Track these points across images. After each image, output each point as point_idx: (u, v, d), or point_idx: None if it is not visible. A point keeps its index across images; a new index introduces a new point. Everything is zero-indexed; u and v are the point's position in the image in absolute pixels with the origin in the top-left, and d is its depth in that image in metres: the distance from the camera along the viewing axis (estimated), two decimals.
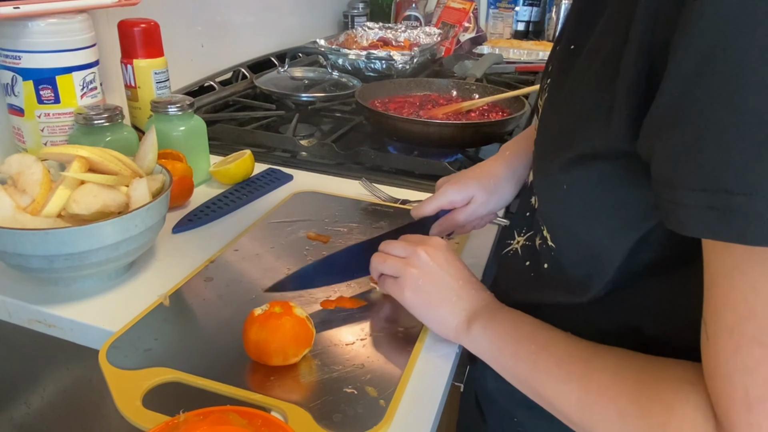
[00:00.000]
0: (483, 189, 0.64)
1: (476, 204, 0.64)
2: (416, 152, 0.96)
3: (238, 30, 1.33)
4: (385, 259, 0.55)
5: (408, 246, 0.54)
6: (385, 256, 0.55)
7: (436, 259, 0.53)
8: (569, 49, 0.45)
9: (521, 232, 0.56)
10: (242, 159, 0.83)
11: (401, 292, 0.53)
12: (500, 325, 0.48)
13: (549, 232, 0.48)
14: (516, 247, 0.56)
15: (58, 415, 0.69)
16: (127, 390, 0.46)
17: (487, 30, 2.14)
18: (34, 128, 0.76)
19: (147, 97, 0.87)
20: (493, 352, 0.48)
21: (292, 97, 1.16)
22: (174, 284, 0.60)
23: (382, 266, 0.55)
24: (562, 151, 0.41)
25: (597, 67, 0.39)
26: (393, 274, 0.54)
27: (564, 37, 0.48)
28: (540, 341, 0.45)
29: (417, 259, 0.53)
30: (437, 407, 0.48)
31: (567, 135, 0.41)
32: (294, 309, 0.50)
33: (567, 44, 0.46)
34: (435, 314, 0.52)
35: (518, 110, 0.99)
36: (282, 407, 0.45)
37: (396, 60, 1.36)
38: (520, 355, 0.45)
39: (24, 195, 0.57)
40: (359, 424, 0.44)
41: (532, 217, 0.53)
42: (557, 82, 0.47)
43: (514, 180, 0.65)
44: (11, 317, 0.59)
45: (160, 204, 0.59)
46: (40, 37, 0.71)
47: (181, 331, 0.54)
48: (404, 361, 0.51)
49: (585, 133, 0.39)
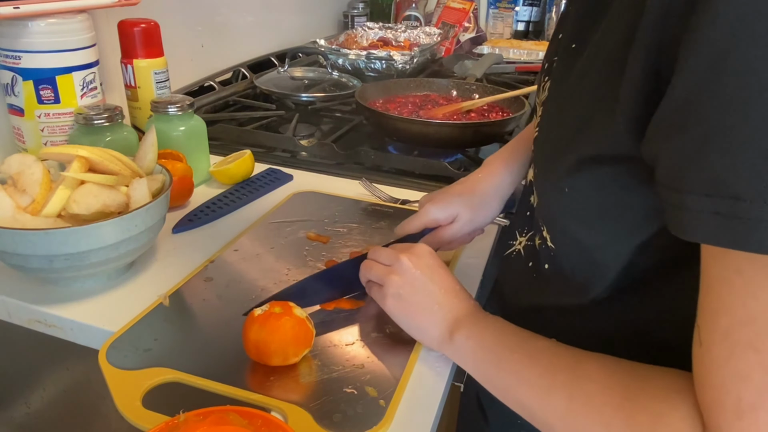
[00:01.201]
0: (467, 206, 0.62)
1: (461, 222, 0.62)
2: (416, 152, 0.96)
3: (238, 30, 1.33)
4: (371, 266, 0.55)
5: (392, 253, 0.54)
6: (372, 263, 0.55)
7: (419, 266, 0.52)
8: (570, 48, 0.44)
9: (522, 232, 0.55)
10: (242, 159, 0.83)
11: (383, 300, 0.53)
12: (483, 335, 0.47)
13: (549, 233, 0.48)
14: (518, 248, 0.56)
15: (58, 415, 0.69)
16: (127, 390, 0.46)
17: (487, 30, 2.14)
18: (34, 128, 0.76)
19: (147, 97, 0.87)
20: (476, 362, 0.47)
21: (292, 97, 1.16)
22: (174, 284, 0.60)
23: (369, 273, 0.55)
24: (564, 153, 0.41)
25: (600, 66, 0.38)
26: (376, 281, 0.54)
27: (564, 35, 0.47)
28: (524, 351, 0.44)
29: (399, 266, 0.52)
30: (437, 407, 0.48)
31: (569, 137, 0.41)
32: (294, 309, 0.50)
33: (568, 42, 0.45)
34: (416, 323, 0.51)
35: (518, 110, 0.99)
36: (282, 407, 0.45)
37: (396, 60, 1.36)
38: (504, 365, 0.44)
39: (24, 195, 0.57)
40: (359, 424, 0.44)
41: (533, 216, 0.53)
42: (558, 82, 0.46)
43: (499, 195, 0.64)
44: (11, 317, 0.59)
45: (160, 204, 0.59)
46: (40, 37, 0.71)
47: (181, 331, 0.54)
48: (404, 362, 0.51)
49: (587, 134, 0.39)
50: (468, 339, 0.48)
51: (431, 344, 0.51)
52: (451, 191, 0.64)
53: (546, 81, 0.50)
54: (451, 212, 0.62)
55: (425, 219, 0.62)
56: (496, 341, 0.46)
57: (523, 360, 0.43)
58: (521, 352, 0.44)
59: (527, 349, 0.44)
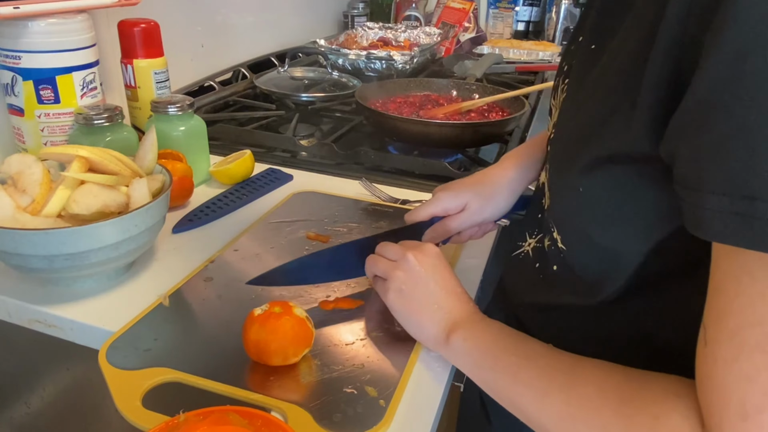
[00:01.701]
0: (478, 196, 0.63)
1: (470, 211, 0.63)
2: (416, 152, 0.96)
3: (238, 30, 1.33)
4: (377, 261, 0.55)
5: (399, 249, 0.54)
6: (378, 258, 0.55)
7: (424, 264, 0.52)
8: (590, 48, 0.44)
9: (532, 234, 0.55)
10: (242, 159, 0.83)
11: (385, 294, 0.53)
12: (481, 337, 0.47)
13: (560, 234, 0.47)
14: (527, 249, 0.56)
15: (58, 415, 0.69)
16: (126, 390, 0.46)
17: (487, 30, 2.14)
18: (34, 128, 0.76)
19: (147, 97, 0.87)
20: (472, 364, 0.47)
21: (292, 97, 1.16)
22: (174, 284, 0.60)
23: (374, 267, 0.55)
24: (580, 152, 0.41)
25: (620, 65, 0.38)
26: (381, 275, 0.54)
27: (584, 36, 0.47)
28: (521, 353, 0.44)
29: (405, 263, 0.53)
30: (437, 407, 0.48)
31: (586, 135, 0.41)
32: (294, 309, 0.50)
33: (587, 43, 0.45)
34: (415, 320, 0.52)
35: (518, 110, 0.99)
36: (282, 407, 0.45)
37: (396, 60, 1.36)
38: (500, 368, 0.44)
39: (24, 195, 0.57)
40: (359, 424, 0.44)
41: (543, 218, 0.53)
42: (577, 81, 0.46)
43: (511, 189, 0.64)
44: (11, 317, 0.59)
45: (160, 204, 0.59)
46: (40, 37, 0.71)
47: (181, 331, 0.54)
48: (404, 361, 0.51)
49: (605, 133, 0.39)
50: (465, 341, 0.48)
51: (427, 343, 0.52)
52: (464, 181, 0.65)
53: (564, 82, 0.50)
54: (461, 200, 0.63)
55: (436, 206, 0.63)
56: (493, 343, 0.46)
57: (519, 362, 0.43)
58: (518, 354, 0.44)
59: (524, 351, 0.44)
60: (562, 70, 0.53)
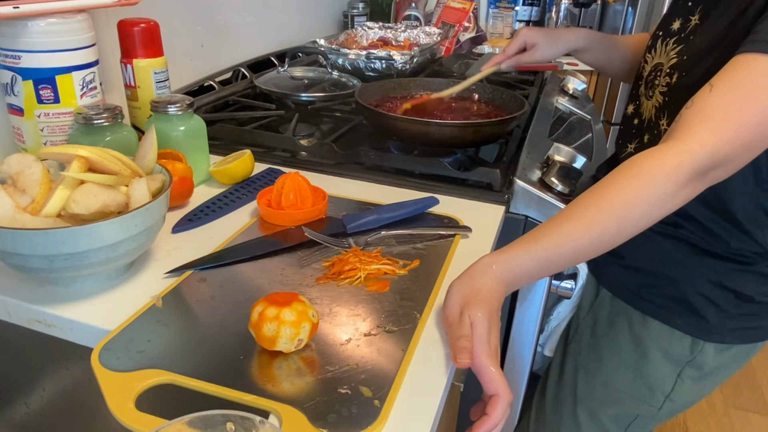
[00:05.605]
0: (546, 40, 0.94)
1: (536, 49, 0.95)
2: (416, 152, 0.96)
3: (238, 30, 1.33)
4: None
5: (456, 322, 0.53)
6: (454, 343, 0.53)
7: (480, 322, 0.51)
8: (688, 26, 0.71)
9: (632, 141, 0.78)
10: (242, 159, 0.83)
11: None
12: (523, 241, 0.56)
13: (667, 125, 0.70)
14: (630, 150, 0.78)
15: (58, 415, 0.69)
16: (119, 392, 0.46)
17: (487, 30, 2.14)
18: (34, 128, 0.76)
19: (147, 97, 0.87)
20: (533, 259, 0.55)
21: (292, 97, 1.16)
22: (174, 284, 0.60)
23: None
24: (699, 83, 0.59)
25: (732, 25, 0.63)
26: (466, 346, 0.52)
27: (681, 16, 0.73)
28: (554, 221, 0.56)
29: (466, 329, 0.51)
30: (437, 407, 0.48)
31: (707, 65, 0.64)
32: (298, 297, 0.51)
33: (685, 22, 0.72)
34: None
35: (518, 110, 0.99)
36: (276, 408, 0.45)
37: (396, 60, 1.36)
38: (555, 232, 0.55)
39: (24, 195, 0.57)
40: (354, 424, 0.44)
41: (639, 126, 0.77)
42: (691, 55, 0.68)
43: (569, 42, 0.94)
44: (11, 317, 0.59)
45: (159, 204, 0.59)
46: (39, 37, 0.71)
47: (174, 333, 0.54)
48: (398, 361, 0.51)
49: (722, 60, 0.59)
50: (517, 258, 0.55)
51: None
52: (541, 28, 0.97)
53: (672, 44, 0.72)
54: (535, 37, 0.95)
55: (519, 40, 0.96)
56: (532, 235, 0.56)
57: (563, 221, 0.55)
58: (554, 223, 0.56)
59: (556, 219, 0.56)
60: (658, 35, 0.76)
